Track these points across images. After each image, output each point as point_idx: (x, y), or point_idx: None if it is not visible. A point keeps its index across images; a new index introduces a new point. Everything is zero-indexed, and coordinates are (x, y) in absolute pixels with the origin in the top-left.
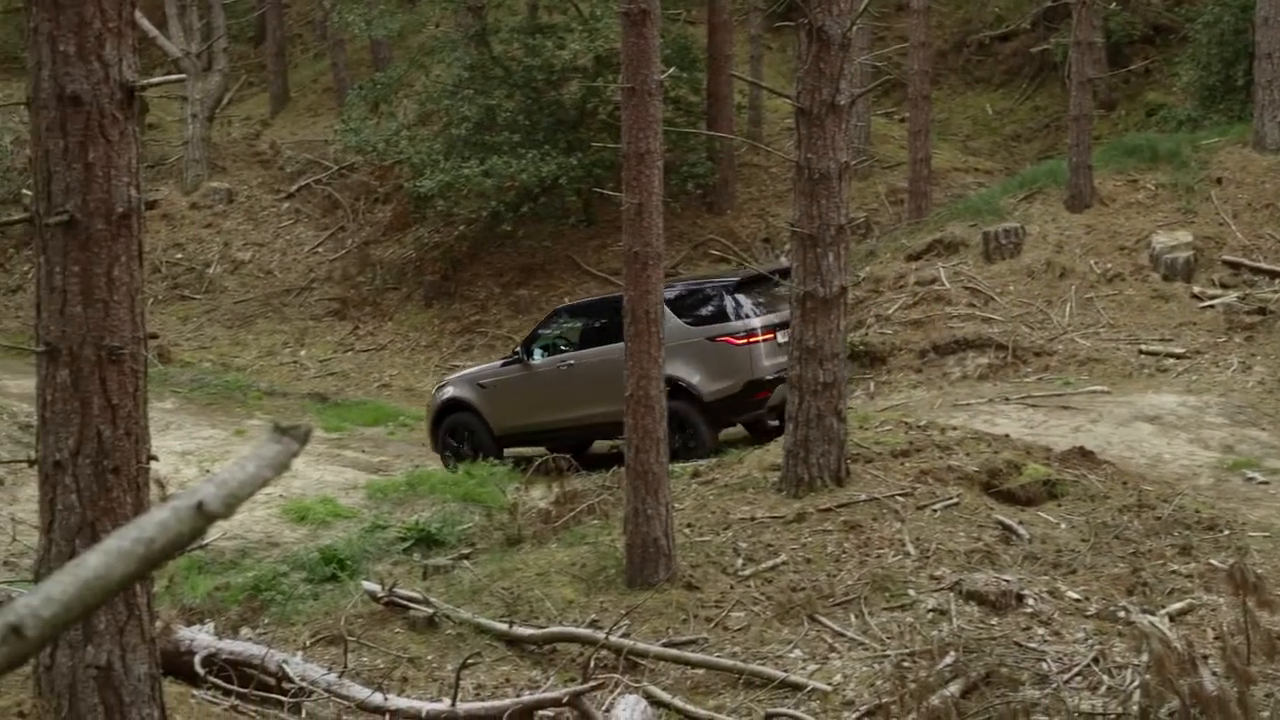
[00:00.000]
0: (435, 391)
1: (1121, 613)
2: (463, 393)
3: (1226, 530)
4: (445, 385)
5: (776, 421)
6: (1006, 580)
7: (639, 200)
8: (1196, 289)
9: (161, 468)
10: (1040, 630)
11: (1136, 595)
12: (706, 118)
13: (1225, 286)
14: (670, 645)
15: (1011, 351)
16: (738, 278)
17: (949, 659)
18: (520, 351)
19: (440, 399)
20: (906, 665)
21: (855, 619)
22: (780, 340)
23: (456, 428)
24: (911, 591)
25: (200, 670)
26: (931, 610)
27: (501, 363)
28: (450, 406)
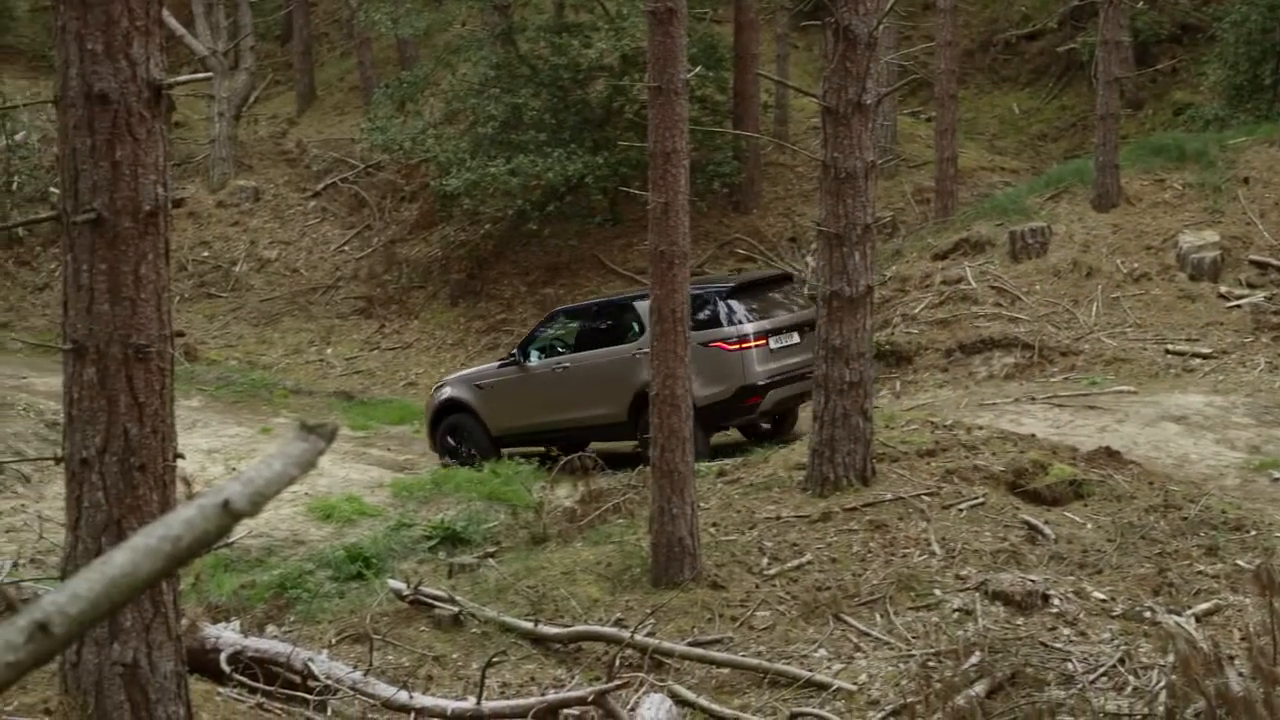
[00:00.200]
0: (434, 392)
1: (1147, 613)
2: (460, 393)
3: (1253, 531)
4: (443, 386)
5: (768, 425)
6: (1032, 580)
7: (665, 199)
8: (1223, 289)
9: (188, 465)
10: (1066, 630)
11: (1162, 596)
12: (732, 117)
13: (1252, 286)
14: (695, 644)
15: (1038, 351)
16: (731, 283)
17: (974, 659)
18: (517, 353)
19: (438, 399)
20: (931, 665)
21: (880, 618)
22: (773, 346)
23: (454, 428)
24: (937, 591)
25: (226, 668)
26: (957, 610)
27: (498, 364)
28: (448, 407)
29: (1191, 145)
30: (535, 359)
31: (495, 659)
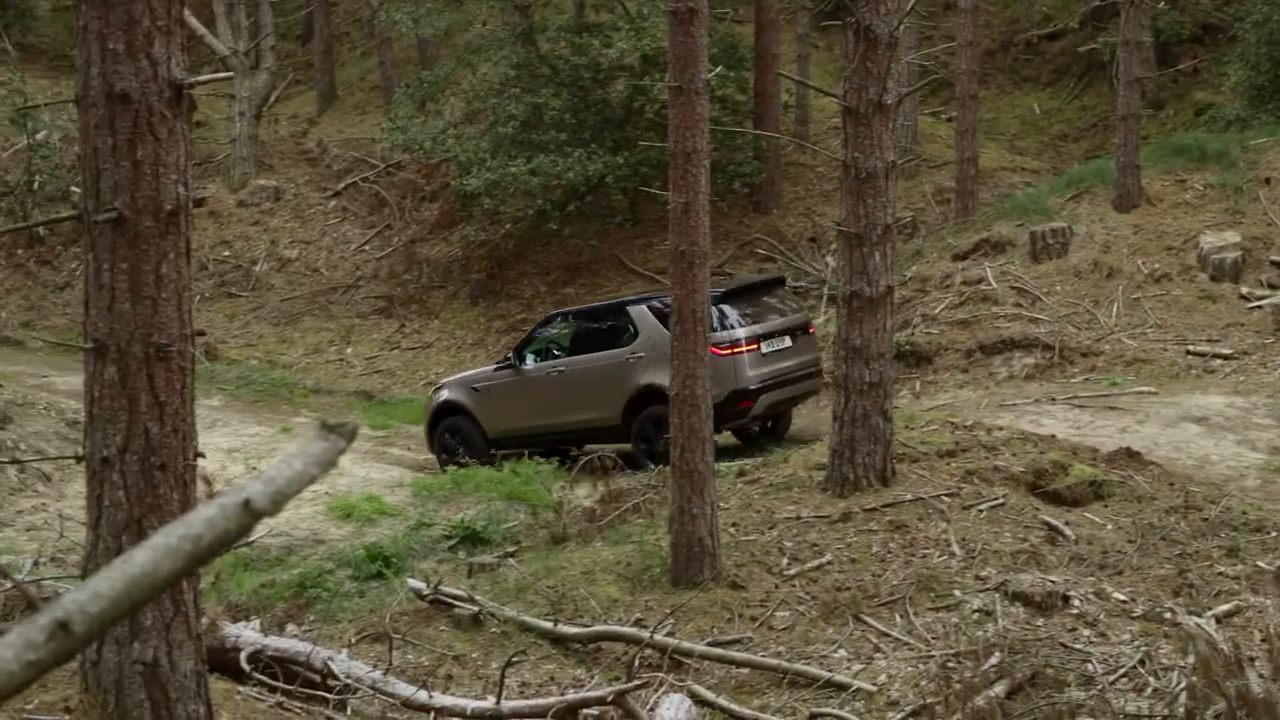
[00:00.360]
0: (431, 394)
1: (1168, 614)
2: (457, 396)
3: (1274, 532)
4: (441, 388)
5: (758, 429)
6: (1052, 581)
7: (685, 199)
8: (1244, 289)
9: (208, 465)
10: (1086, 631)
11: (1183, 597)
12: (753, 117)
13: (1273, 287)
14: (715, 644)
15: (1058, 352)
16: (724, 288)
17: (994, 660)
18: (512, 357)
19: (436, 402)
20: (951, 666)
21: (900, 619)
22: (764, 351)
23: (451, 431)
24: (957, 592)
25: (246, 667)
26: (977, 611)
27: (495, 367)
28: (445, 409)
29: (1213, 146)
30: (531, 362)
31: (515, 659)
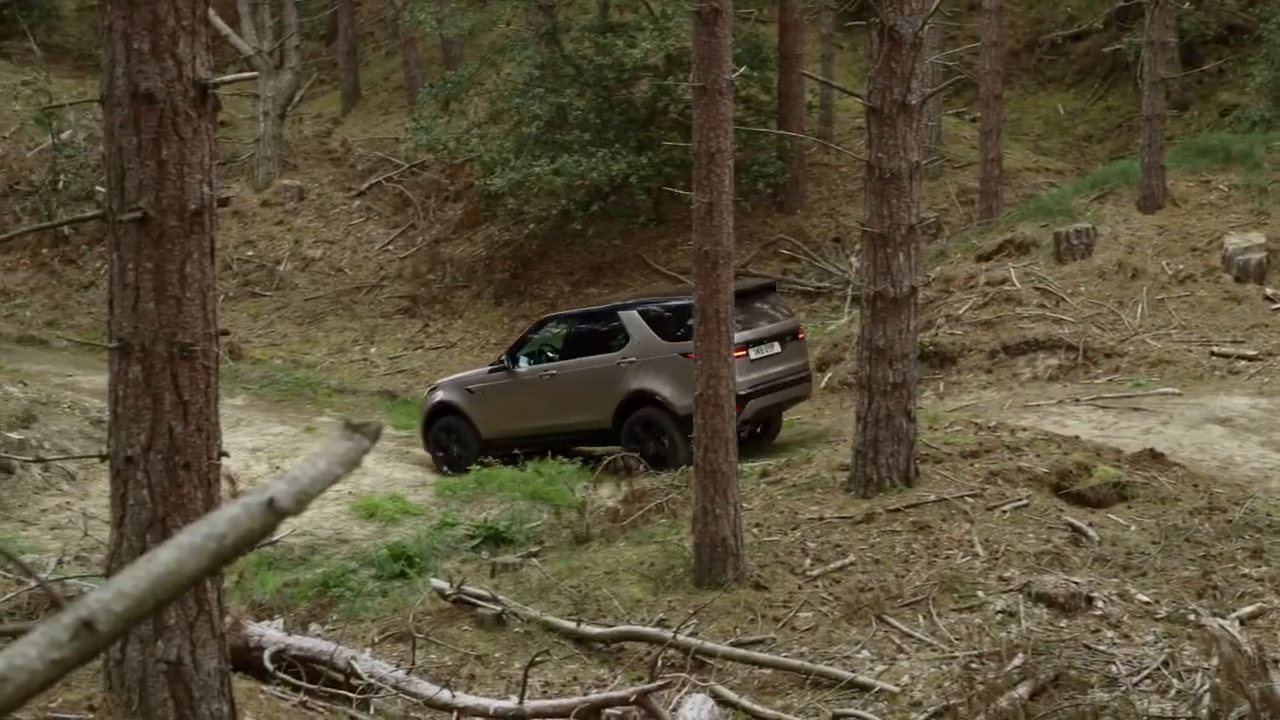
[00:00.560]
0: (427, 394)
1: (1192, 616)
2: (451, 396)
3: None
4: (436, 388)
5: (745, 435)
6: (1076, 582)
7: (709, 199)
8: (1269, 290)
9: (232, 464)
10: (1109, 633)
11: (1207, 598)
12: (777, 117)
13: None
14: (738, 645)
15: (1082, 353)
16: None
17: (1017, 661)
18: (505, 359)
19: (431, 402)
20: (974, 667)
21: (923, 620)
22: (753, 356)
23: (446, 431)
24: (980, 593)
25: (269, 666)
26: (1000, 612)
27: (489, 369)
28: (440, 410)
29: (1237, 146)
30: (524, 365)
31: (538, 658)
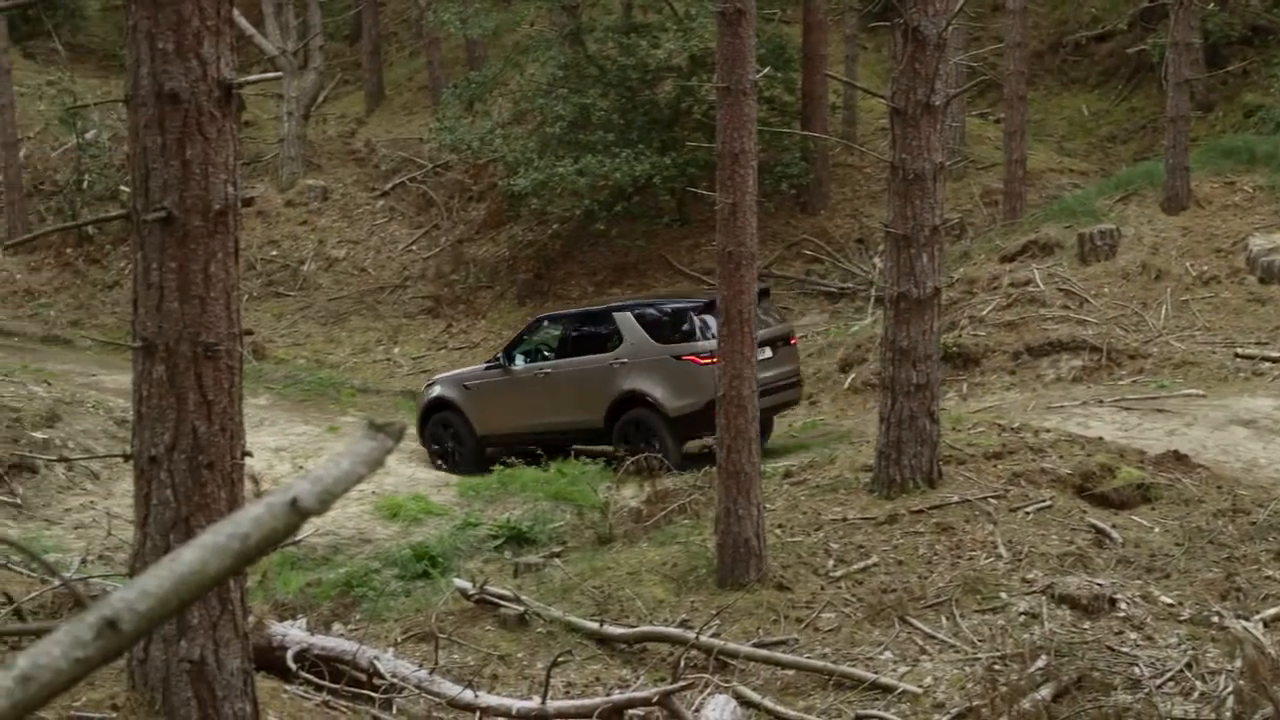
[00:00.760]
0: (425, 389)
1: (1215, 618)
2: (448, 392)
3: None
4: (434, 384)
5: None
6: (1099, 584)
7: (733, 200)
8: None
9: (255, 464)
10: (1133, 635)
11: (1230, 600)
12: (801, 118)
13: None
14: (760, 646)
15: (1106, 354)
16: (706, 299)
17: (1040, 663)
18: (502, 357)
19: (428, 397)
20: (997, 668)
21: (946, 621)
22: None
23: (441, 425)
24: (1003, 594)
25: (292, 666)
26: (1023, 613)
27: (485, 366)
28: (436, 405)
29: (1262, 147)
30: (520, 363)
31: (560, 659)
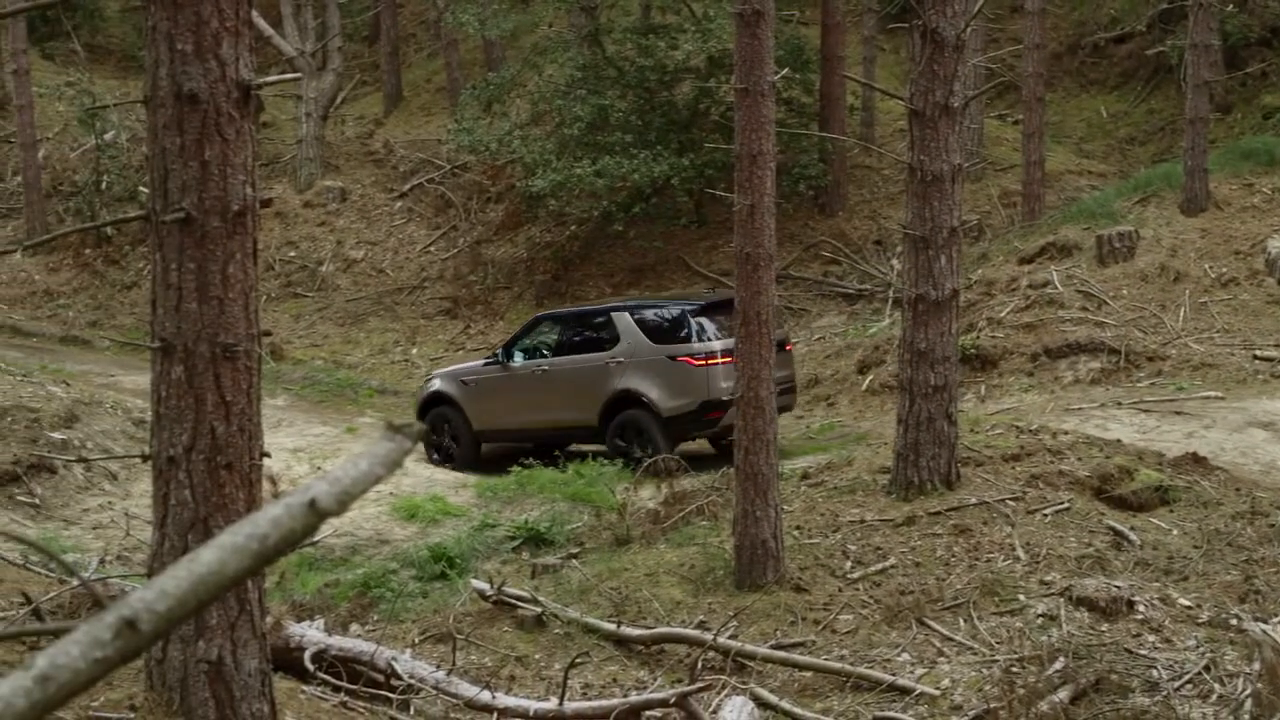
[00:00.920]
0: (423, 384)
1: (1234, 620)
2: (446, 387)
3: None
4: (432, 379)
5: (726, 441)
6: (1117, 586)
7: (751, 201)
8: None
9: (273, 464)
10: (1151, 637)
11: (1249, 603)
12: (819, 119)
13: None
14: (778, 647)
15: (1124, 356)
16: (703, 301)
17: (1058, 665)
18: (500, 354)
19: (426, 391)
20: (1015, 671)
21: (964, 623)
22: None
23: (440, 421)
24: (1021, 596)
25: (310, 666)
26: (1041, 616)
27: (483, 362)
28: (434, 400)
29: None
30: (518, 360)
31: (578, 660)
